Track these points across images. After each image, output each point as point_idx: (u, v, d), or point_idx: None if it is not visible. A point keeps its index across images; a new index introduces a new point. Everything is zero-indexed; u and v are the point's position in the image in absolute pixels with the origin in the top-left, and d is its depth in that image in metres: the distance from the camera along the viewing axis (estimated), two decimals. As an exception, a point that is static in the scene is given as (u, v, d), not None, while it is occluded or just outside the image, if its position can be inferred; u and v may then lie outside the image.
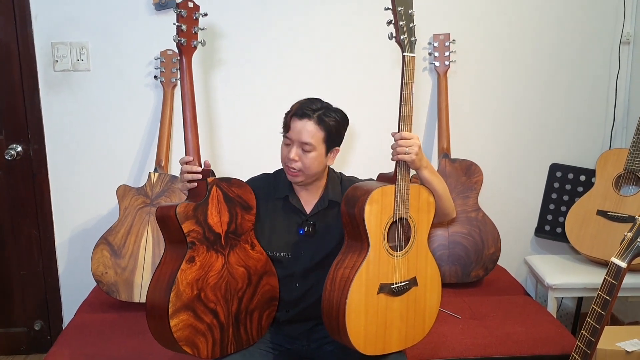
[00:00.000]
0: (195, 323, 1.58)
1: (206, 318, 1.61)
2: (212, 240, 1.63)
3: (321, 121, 1.73)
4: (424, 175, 1.68)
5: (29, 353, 2.72)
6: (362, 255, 1.59)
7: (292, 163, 1.74)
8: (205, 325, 1.61)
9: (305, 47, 2.57)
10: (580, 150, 2.77)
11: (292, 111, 1.76)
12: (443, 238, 2.46)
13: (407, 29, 1.57)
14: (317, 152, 1.74)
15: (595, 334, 1.56)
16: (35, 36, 2.44)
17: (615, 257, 1.54)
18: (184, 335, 1.56)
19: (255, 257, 1.74)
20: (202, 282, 1.60)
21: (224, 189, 1.67)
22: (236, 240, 1.70)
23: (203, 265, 1.61)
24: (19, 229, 2.60)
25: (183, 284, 1.55)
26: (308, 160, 1.73)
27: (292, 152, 1.73)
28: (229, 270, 1.67)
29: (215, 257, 1.64)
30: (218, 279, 1.64)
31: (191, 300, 1.57)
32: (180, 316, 1.55)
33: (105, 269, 2.27)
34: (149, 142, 2.56)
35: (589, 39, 2.70)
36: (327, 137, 1.74)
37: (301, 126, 1.72)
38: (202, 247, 1.61)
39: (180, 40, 1.64)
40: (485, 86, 2.69)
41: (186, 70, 1.68)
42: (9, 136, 2.53)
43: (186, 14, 1.64)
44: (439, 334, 2.03)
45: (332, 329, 1.64)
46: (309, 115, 1.72)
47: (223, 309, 1.65)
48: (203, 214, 1.62)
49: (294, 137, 1.73)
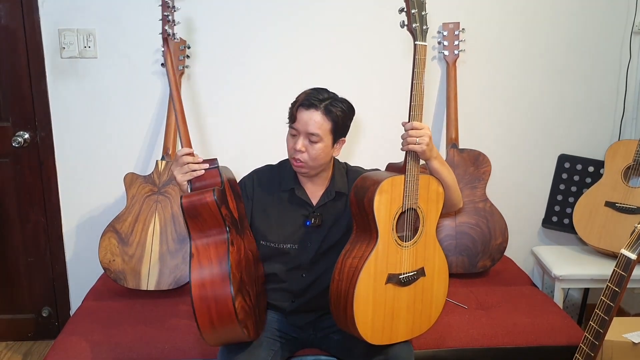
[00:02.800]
0: (244, 305, 1.60)
1: (247, 300, 1.63)
2: (235, 224, 1.65)
3: (328, 112, 1.71)
4: (434, 166, 1.67)
5: (37, 339, 2.74)
6: (370, 245, 1.59)
7: (298, 154, 1.72)
8: (248, 306, 1.63)
9: (314, 35, 2.55)
10: (589, 141, 2.75)
11: (299, 101, 1.73)
12: (450, 228, 2.46)
13: (419, 17, 1.56)
14: (323, 143, 1.72)
15: (604, 325, 1.56)
16: (42, 23, 2.43)
17: (625, 248, 1.54)
18: (242, 317, 1.56)
19: (253, 242, 1.80)
20: (240, 265, 1.62)
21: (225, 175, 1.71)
22: (243, 225, 1.73)
23: (238, 249, 1.63)
24: (27, 216, 2.61)
25: (234, 267, 1.56)
26: (315, 152, 1.72)
27: (299, 143, 1.72)
28: (246, 254, 1.69)
29: (240, 240, 1.66)
30: (246, 262, 1.67)
31: (240, 283, 1.59)
32: (238, 298, 1.55)
33: (112, 257, 2.27)
34: (156, 130, 2.55)
35: (600, 29, 2.67)
36: (334, 127, 1.73)
37: (308, 117, 1.70)
38: (233, 230, 1.62)
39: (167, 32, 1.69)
40: (494, 76, 2.67)
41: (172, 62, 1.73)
42: (16, 123, 2.52)
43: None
44: (445, 324, 2.04)
45: (340, 319, 1.64)
46: (316, 106, 1.70)
47: (251, 291, 1.68)
48: (225, 199, 1.63)
49: (301, 127, 1.71)
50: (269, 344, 1.78)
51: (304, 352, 1.91)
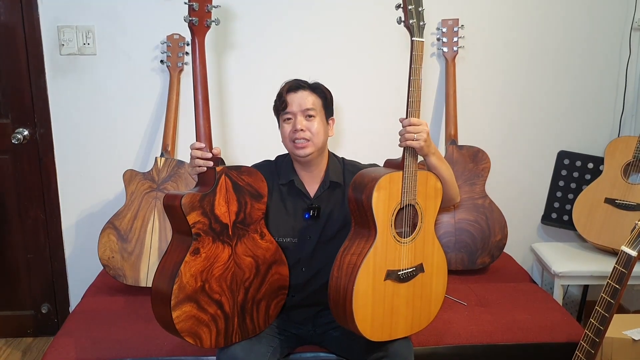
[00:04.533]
0: (199, 314, 1.57)
1: (210, 309, 1.60)
2: (219, 231, 1.61)
3: (315, 89, 1.82)
4: (432, 162, 1.67)
5: (36, 336, 2.74)
6: (369, 241, 1.59)
7: (300, 134, 1.76)
8: (208, 316, 1.60)
9: (312, 32, 2.54)
10: (589, 138, 2.75)
11: (285, 89, 1.81)
12: (449, 225, 2.46)
13: (416, 12, 1.56)
14: (320, 119, 1.79)
15: (604, 322, 1.56)
16: (42, 20, 2.42)
17: (626, 245, 1.54)
18: (187, 326, 1.55)
19: (264, 247, 1.71)
20: (206, 273, 1.58)
21: (233, 177, 1.63)
22: (244, 230, 1.67)
23: (208, 257, 1.58)
24: (26, 213, 2.61)
25: (186, 276, 1.54)
26: (315, 127, 1.77)
27: (298, 123, 1.76)
28: (236, 261, 1.65)
29: (222, 248, 1.61)
30: (224, 270, 1.62)
31: (195, 292, 1.56)
32: (183, 308, 1.54)
33: (111, 253, 2.27)
34: (155, 127, 2.55)
35: (600, 25, 2.66)
36: (324, 103, 1.83)
37: (300, 96, 1.78)
38: (207, 239, 1.58)
39: (192, 20, 1.57)
40: (494, 72, 2.67)
41: (198, 51, 1.60)
42: (15, 120, 2.52)
43: None
44: (444, 320, 2.03)
45: (339, 316, 1.64)
46: (303, 87, 1.80)
47: (228, 299, 1.64)
48: (210, 204, 1.58)
49: (295, 108, 1.78)
50: (268, 340, 1.78)
51: (303, 349, 1.90)
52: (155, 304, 1.60)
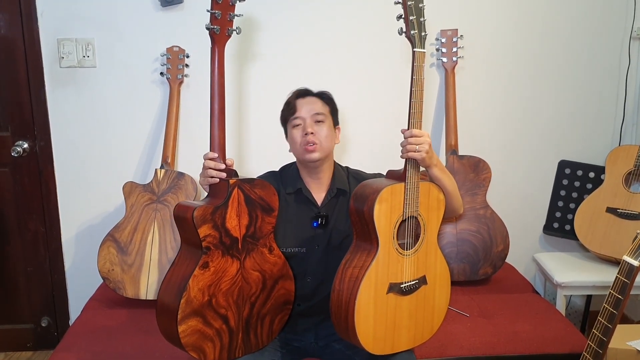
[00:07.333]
0: (204, 329, 1.56)
1: (215, 324, 1.58)
2: (229, 244, 1.59)
3: (322, 96, 1.87)
4: (434, 173, 1.67)
5: (36, 349, 2.72)
6: (371, 254, 1.58)
7: (310, 137, 1.77)
8: (213, 330, 1.58)
9: (313, 43, 2.55)
10: (590, 147, 2.75)
11: (294, 95, 1.85)
12: (451, 235, 2.44)
13: (417, 23, 1.55)
14: (328, 124, 1.81)
15: (607, 333, 1.55)
16: (41, 32, 2.43)
17: (627, 255, 1.52)
18: (192, 340, 1.54)
19: (271, 261, 1.69)
20: (214, 288, 1.56)
21: (245, 190, 1.60)
22: (254, 244, 1.65)
23: (217, 271, 1.56)
24: (25, 226, 2.60)
25: (194, 290, 1.52)
26: (324, 131, 1.79)
27: (308, 126, 1.78)
28: (244, 275, 1.63)
29: (231, 262, 1.59)
30: (231, 285, 1.60)
31: (201, 307, 1.54)
32: (189, 322, 1.52)
33: (111, 266, 2.26)
34: (155, 139, 2.55)
35: (599, 34, 2.67)
36: (331, 110, 1.86)
37: (308, 101, 1.83)
38: (217, 252, 1.56)
39: (213, 28, 1.54)
40: (494, 82, 2.67)
41: (217, 60, 1.58)
42: (15, 133, 2.52)
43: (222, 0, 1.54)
44: (447, 332, 2.02)
45: (341, 329, 1.62)
46: (311, 93, 1.86)
47: (234, 314, 1.62)
48: (221, 217, 1.56)
49: (305, 113, 1.80)
50: (270, 354, 1.76)
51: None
52: (161, 316, 1.58)
